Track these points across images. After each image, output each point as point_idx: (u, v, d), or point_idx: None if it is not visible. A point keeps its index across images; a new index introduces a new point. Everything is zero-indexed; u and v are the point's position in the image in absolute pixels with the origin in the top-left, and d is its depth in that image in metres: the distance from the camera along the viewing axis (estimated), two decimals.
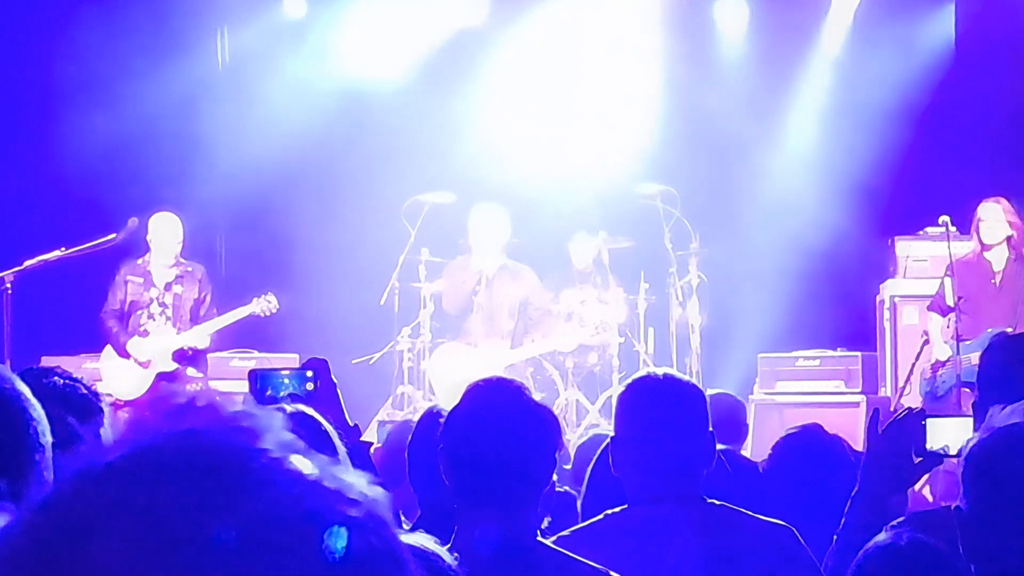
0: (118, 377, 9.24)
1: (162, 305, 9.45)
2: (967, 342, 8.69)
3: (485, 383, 3.15)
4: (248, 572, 0.81)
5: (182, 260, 9.56)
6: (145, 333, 9.38)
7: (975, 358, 8.72)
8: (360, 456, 3.30)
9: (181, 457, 0.85)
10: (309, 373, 3.54)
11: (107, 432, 3.00)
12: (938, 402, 8.64)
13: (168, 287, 9.48)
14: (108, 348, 9.46)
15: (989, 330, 8.03)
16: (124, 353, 9.36)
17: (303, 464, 0.86)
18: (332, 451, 2.81)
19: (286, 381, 3.64)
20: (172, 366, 9.34)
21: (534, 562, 2.89)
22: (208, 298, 9.56)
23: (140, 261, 9.52)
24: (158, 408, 0.89)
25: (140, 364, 9.32)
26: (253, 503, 0.83)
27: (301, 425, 2.45)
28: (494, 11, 11.56)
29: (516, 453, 2.91)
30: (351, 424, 3.55)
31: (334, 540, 0.83)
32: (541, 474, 2.95)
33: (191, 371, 9.41)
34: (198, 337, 9.37)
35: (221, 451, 0.85)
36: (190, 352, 9.41)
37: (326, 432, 2.94)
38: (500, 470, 2.89)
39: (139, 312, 9.43)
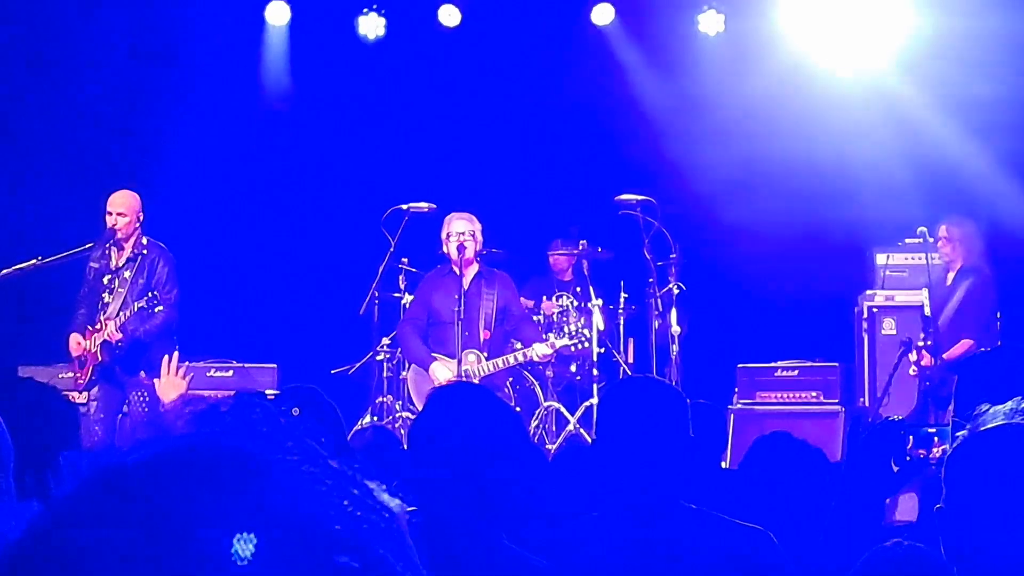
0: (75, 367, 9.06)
1: (110, 292, 8.95)
2: None
3: (448, 388, 3.25)
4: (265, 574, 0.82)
5: (143, 242, 9.01)
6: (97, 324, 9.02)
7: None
8: None
9: (200, 460, 0.86)
10: (296, 411, 3.51)
11: (84, 441, 3.00)
12: None
13: (118, 272, 8.98)
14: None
15: None
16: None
17: (323, 470, 0.87)
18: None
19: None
20: (100, 358, 8.88)
21: (494, 561, 2.88)
22: (162, 282, 8.91)
23: (98, 245, 9.06)
24: (180, 411, 0.89)
25: (76, 358, 9.00)
26: (272, 506, 0.84)
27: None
28: (469, 19, 11.58)
29: (480, 451, 2.91)
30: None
31: (351, 546, 0.84)
32: (508, 472, 2.95)
33: (143, 374, 8.89)
34: (109, 331, 8.80)
35: (241, 455, 0.86)
36: (117, 344, 8.86)
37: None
38: (465, 468, 2.90)
39: (98, 300, 8.98)
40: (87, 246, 9.20)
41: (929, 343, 8.97)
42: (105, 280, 9.01)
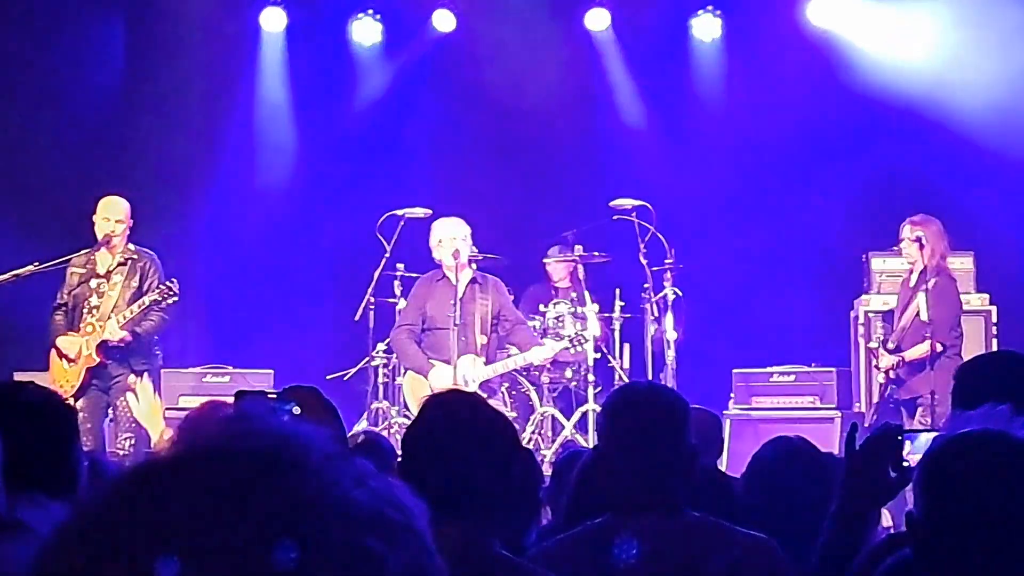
0: (56, 373, 9.03)
1: (99, 295, 8.95)
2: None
3: (442, 395, 3.27)
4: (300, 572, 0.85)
5: (130, 248, 9.05)
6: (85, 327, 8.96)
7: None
8: None
9: (230, 464, 0.89)
10: (296, 410, 3.51)
11: (82, 444, 3.00)
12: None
13: (108, 276, 8.99)
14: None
15: None
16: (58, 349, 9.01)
17: (350, 471, 0.91)
18: None
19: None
20: (96, 360, 8.85)
21: (490, 571, 2.87)
22: (152, 288, 8.90)
23: (90, 251, 9.07)
24: (210, 417, 0.91)
25: (69, 360, 8.95)
26: (305, 495, 0.87)
27: None
28: (464, 24, 11.59)
29: (473, 459, 2.91)
30: None
31: (378, 531, 0.88)
32: (499, 481, 2.94)
33: (132, 378, 8.67)
34: (110, 330, 8.80)
35: (274, 456, 0.88)
36: (119, 343, 8.84)
37: None
38: (458, 476, 2.90)
39: (83, 304, 8.97)
40: (83, 252, 9.17)
41: (890, 345, 8.99)
42: (93, 284, 9.01)
